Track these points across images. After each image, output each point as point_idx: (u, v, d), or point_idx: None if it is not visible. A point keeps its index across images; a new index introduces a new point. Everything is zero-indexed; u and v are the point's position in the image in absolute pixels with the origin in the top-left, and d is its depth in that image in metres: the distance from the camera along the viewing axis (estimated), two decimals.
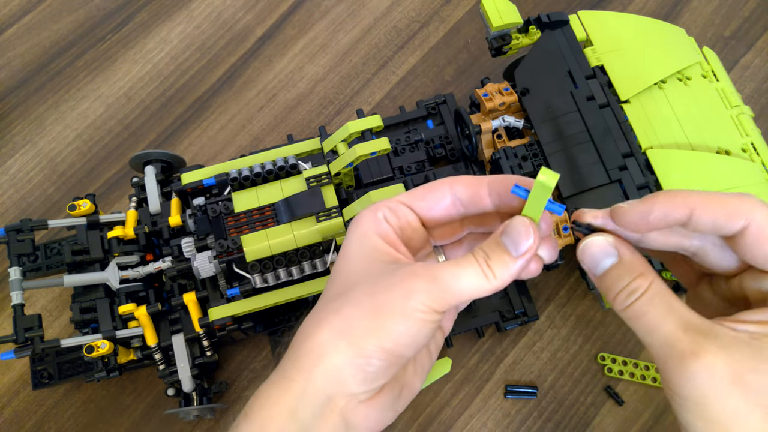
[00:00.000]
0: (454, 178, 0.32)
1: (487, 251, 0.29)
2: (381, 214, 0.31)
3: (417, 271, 0.29)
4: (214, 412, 0.51)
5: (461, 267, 0.29)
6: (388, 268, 0.30)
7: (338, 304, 0.29)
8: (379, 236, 0.31)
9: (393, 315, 0.28)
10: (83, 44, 0.67)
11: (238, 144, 0.63)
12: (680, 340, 0.25)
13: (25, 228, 0.48)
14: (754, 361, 0.25)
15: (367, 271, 0.30)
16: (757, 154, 0.50)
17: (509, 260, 0.28)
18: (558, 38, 0.52)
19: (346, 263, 0.31)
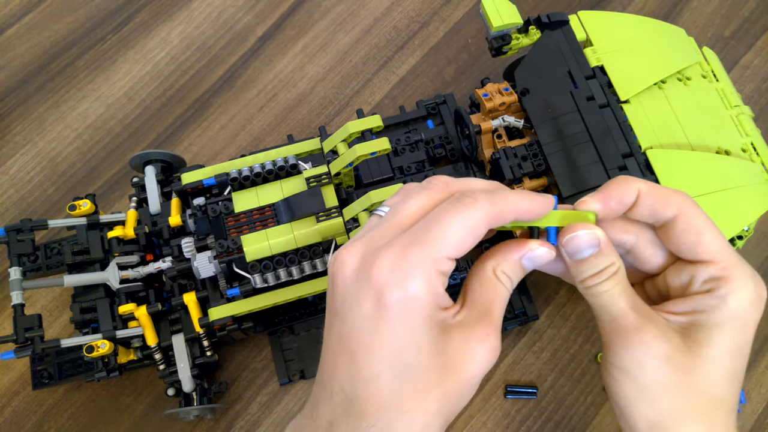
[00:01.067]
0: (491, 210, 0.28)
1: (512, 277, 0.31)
2: (441, 284, 0.28)
3: (487, 335, 0.29)
4: (214, 412, 0.51)
5: (502, 301, 0.30)
6: (450, 344, 0.29)
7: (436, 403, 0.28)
8: (434, 305, 0.28)
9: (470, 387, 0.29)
10: (83, 44, 0.67)
11: (238, 144, 0.63)
12: (628, 317, 0.30)
13: (25, 228, 0.48)
14: (682, 346, 0.29)
15: (434, 351, 0.28)
16: (757, 154, 0.50)
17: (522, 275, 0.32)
18: (558, 38, 0.52)
19: (399, 335, 0.27)
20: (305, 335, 0.53)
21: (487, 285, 0.30)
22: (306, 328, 0.54)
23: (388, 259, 0.27)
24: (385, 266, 0.27)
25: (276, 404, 0.53)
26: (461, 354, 0.28)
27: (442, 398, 0.28)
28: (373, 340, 0.28)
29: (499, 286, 0.30)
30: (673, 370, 0.29)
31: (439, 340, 0.28)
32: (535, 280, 0.56)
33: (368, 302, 0.28)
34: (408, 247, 0.27)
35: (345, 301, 0.29)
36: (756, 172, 0.49)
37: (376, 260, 0.27)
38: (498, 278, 0.30)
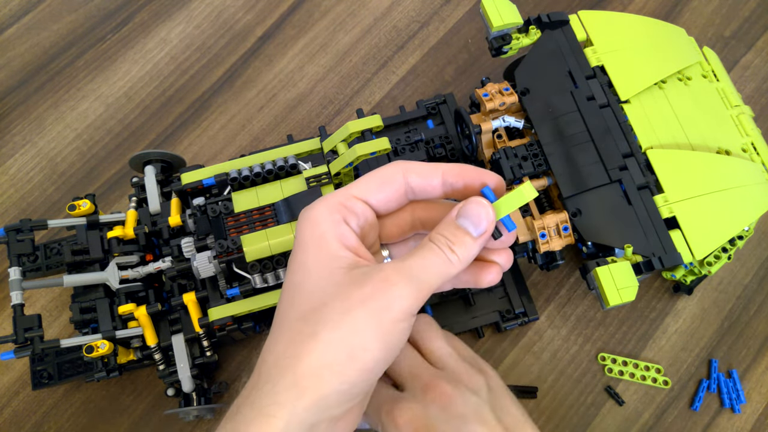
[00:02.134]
0: (407, 165, 0.31)
1: (448, 236, 0.29)
2: (340, 216, 0.30)
3: (390, 276, 0.28)
4: (214, 412, 0.51)
5: (427, 258, 0.29)
6: (355, 276, 0.28)
7: (311, 327, 0.28)
8: (340, 242, 0.29)
9: (373, 333, 0.27)
10: (83, 44, 0.67)
11: (238, 144, 0.63)
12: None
13: (24, 228, 0.48)
14: None
15: (333, 284, 0.28)
16: (757, 154, 0.50)
17: (470, 241, 0.29)
18: (558, 38, 0.52)
19: (306, 276, 0.29)
20: None
21: (417, 246, 0.30)
22: None
23: (310, 204, 0.31)
24: (305, 209, 0.31)
25: None
26: (355, 286, 0.28)
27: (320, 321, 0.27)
28: (286, 273, 0.30)
29: (427, 245, 0.29)
30: None
31: (336, 267, 0.28)
32: (535, 281, 0.56)
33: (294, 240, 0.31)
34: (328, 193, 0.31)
35: None
36: (756, 172, 0.49)
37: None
38: (430, 239, 0.29)
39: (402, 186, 0.31)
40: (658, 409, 0.52)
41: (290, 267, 0.30)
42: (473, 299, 0.53)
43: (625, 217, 0.45)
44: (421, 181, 0.31)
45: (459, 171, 0.31)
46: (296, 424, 0.27)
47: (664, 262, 0.44)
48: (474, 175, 0.31)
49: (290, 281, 0.30)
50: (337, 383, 0.27)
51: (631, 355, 0.53)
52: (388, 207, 0.32)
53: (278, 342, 0.28)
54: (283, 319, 0.29)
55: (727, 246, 0.49)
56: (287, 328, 0.29)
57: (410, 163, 0.31)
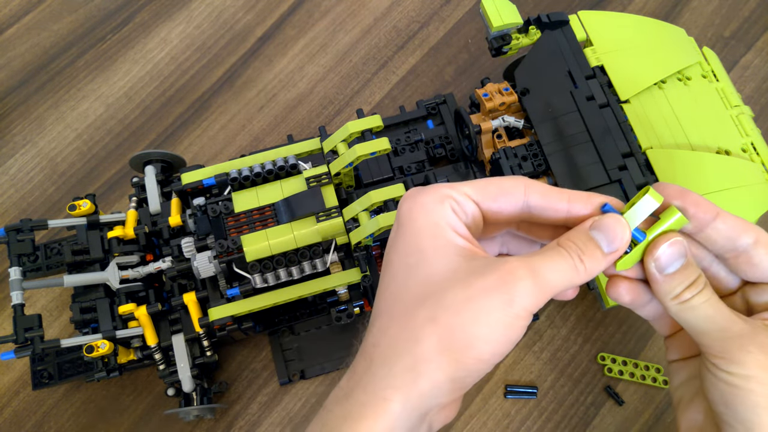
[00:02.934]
0: (530, 183, 0.29)
1: (579, 244, 0.28)
2: (449, 206, 0.29)
3: (516, 270, 0.27)
4: (214, 412, 0.51)
5: (556, 261, 0.28)
6: (476, 266, 0.27)
7: (430, 311, 0.27)
8: (456, 232, 0.28)
9: (494, 325, 0.26)
10: (83, 44, 0.67)
11: (238, 144, 0.63)
12: (738, 324, 0.28)
13: (25, 228, 0.48)
14: None
15: (452, 271, 0.27)
16: (757, 154, 0.50)
17: (600, 255, 0.28)
18: (558, 38, 0.52)
19: (422, 259, 0.28)
20: (305, 335, 0.53)
21: (543, 248, 0.29)
22: (306, 328, 0.54)
23: (415, 188, 0.30)
24: (410, 191, 0.30)
25: (276, 404, 0.53)
26: (478, 275, 0.26)
27: (440, 306, 0.26)
28: (390, 252, 0.29)
29: (556, 248, 0.28)
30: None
31: (453, 254, 0.27)
32: None
33: (395, 223, 0.30)
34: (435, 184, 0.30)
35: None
36: (756, 172, 0.49)
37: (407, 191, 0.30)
38: (559, 243, 0.28)
39: (519, 202, 0.30)
40: (657, 409, 0.52)
41: (398, 248, 0.29)
42: None
43: None
44: (543, 202, 0.29)
45: (587, 198, 0.29)
46: (410, 410, 0.27)
47: None
48: (598, 201, 0.30)
49: (402, 263, 0.28)
50: (453, 370, 0.26)
51: (630, 355, 0.53)
52: (496, 219, 0.30)
53: (392, 325, 0.28)
54: (395, 301, 0.28)
55: None
56: (402, 311, 0.28)
57: (534, 182, 0.30)
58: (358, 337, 0.42)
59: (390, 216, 0.44)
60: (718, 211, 0.29)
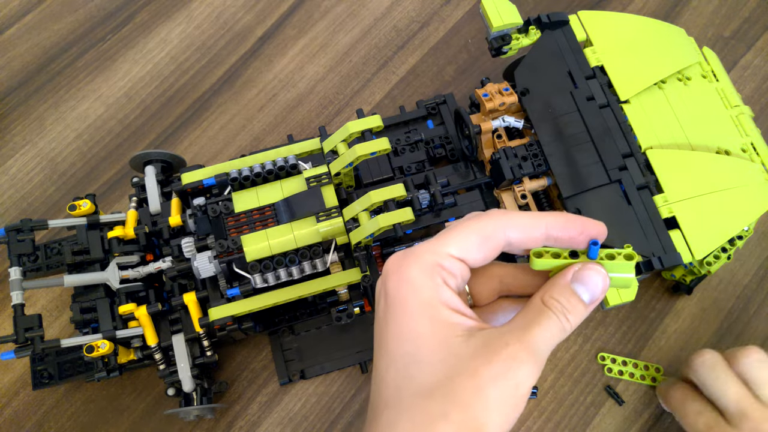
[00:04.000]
0: (507, 219, 0.29)
1: (563, 302, 0.28)
2: (440, 279, 0.28)
3: (518, 354, 0.26)
4: (215, 412, 0.51)
5: (546, 328, 0.27)
6: (476, 347, 0.27)
7: (440, 406, 0.26)
8: (448, 307, 0.28)
9: (504, 411, 0.26)
10: (83, 44, 0.67)
11: (238, 144, 0.63)
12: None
13: (25, 228, 0.48)
14: None
15: (454, 356, 0.27)
16: (756, 154, 0.50)
17: (582, 309, 0.28)
18: (558, 38, 0.52)
19: (420, 346, 0.27)
20: (305, 335, 0.53)
21: (529, 310, 0.28)
22: (306, 328, 0.54)
23: (397, 255, 0.29)
24: (393, 261, 0.28)
25: (276, 404, 0.53)
26: (481, 361, 0.26)
27: (450, 401, 0.26)
28: (382, 333, 0.28)
29: (544, 311, 0.28)
30: None
31: (450, 336, 0.27)
32: None
33: (381, 298, 0.29)
34: (416, 247, 0.29)
35: (375, 303, 0.29)
36: (756, 172, 0.49)
37: (389, 259, 0.29)
38: (545, 303, 0.28)
39: (502, 243, 0.29)
40: (657, 409, 0.52)
41: (391, 331, 0.28)
42: None
43: (625, 217, 0.45)
44: (521, 235, 0.29)
45: (564, 224, 0.29)
46: None
47: (663, 262, 0.44)
48: (578, 227, 0.29)
49: (399, 350, 0.28)
50: None
51: (630, 355, 0.53)
52: (485, 262, 0.30)
53: (401, 419, 0.27)
54: (399, 392, 0.27)
55: (726, 246, 0.49)
56: (409, 404, 0.27)
57: (510, 217, 0.29)
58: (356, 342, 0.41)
59: (390, 216, 0.44)
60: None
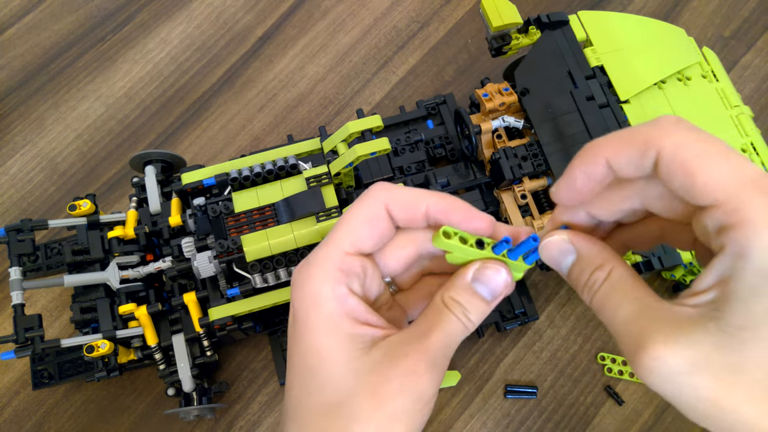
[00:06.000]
0: (388, 194, 0.28)
1: (463, 302, 0.28)
2: (344, 289, 0.27)
3: (416, 367, 0.26)
4: (215, 412, 0.51)
5: (445, 332, 0.27)
6: (376, 361, 0.26)
7: (339, 424, 0.26)
8: (350, 318, 0.27)
9: (405, 423, 0.26)
10: (83, 44, 0.67)
11: (238, 144, 0.63)
12: (632, 331, 0.23)
13: (25, 228, 0.48)
14: (719, 336, 0.21)
15: (354, 372, 0.26)
16: (756, 154, 0.50)
17: (485, 306, 0.28)
18: (558, 38, 0.52)
19: (321, 362, 0.27)
20: None
21: (430, 310, 0.28)
22: None
23: (301, 266, 0.28)
24: (297, 272, 0.28)
25: (276, 404, 0.53)
26: (380, 377, 0.26)
27: (348, 419, 0.25)
28: (290, 348, 0.28)
29: (444, 312, 0.27)
30: (715, 377, 0.21)
31: (351, 350, 0.26)
32: (535, 281, 0.56)
33: (290, 313, 0.28)
34: (315, 250, 0.28)
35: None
36: None
37: (294, 270, 0.29)
38: (445, 304, 0.27)
39: (389, 221, 0.29)
40: (657, 409, 0.52)
41: (297, 347, 0.27)
42: None
43: None
44: (402, 213, 0.28)
45: (446, 208, 0.28)
46: None
47: (663, 262, 0.44)
48: (461, 216, 0.28)
49: (302, 364, 0.27)
50: None
51: None
52: (382, 243, 0.29)
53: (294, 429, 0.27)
54: (300, 410, 0.27)
55: None
56: (307, 422, 0.27)
57: (391, 192, 0.28)
58: None
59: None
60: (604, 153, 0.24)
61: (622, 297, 0.24)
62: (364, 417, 0.26)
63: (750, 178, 0.21)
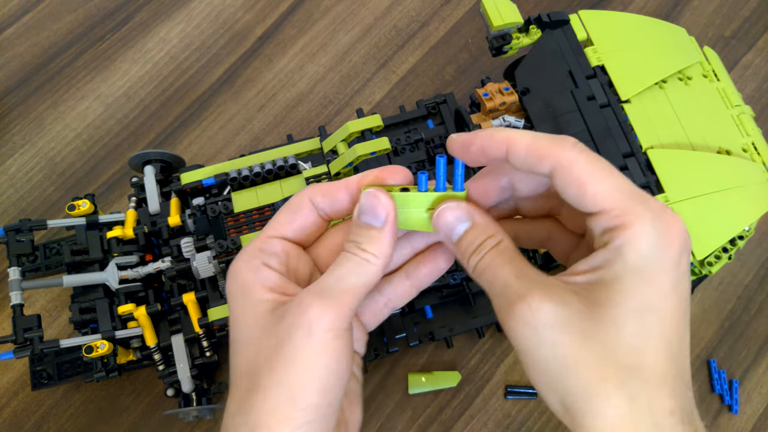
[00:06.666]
0: (313, 188, 0.30)
1: (355, 238, 0.28)
2: (259, 261, 0.29)
3: (303, 300, 0.27)
4: (214, 413, 0.51)
5: (340, 266, 0.28)
6: (277, 315, 0.27)
7: (251, 380, 0.27)
8: (262, 286, 0.28)
9: (306, 364, 0.26)
10: (82, 44, 0.67)
11: (238, 144, 0.63)
12: (512, 286, 0.26)
13: (24, 228, 0.48)
14: (583, 309, 0.25)
15: (261, 330, 0.27)
16: (757, 154, 0.50)
17: (377, 233, 0.28)
18: (558, 38, 0.52)
19: (238, 329, 0.28)
20: None
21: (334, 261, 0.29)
22: None
23: (235, 260, 0.30)
24: (231, 265, 0.29)
25: None
26: (281, 328, 0.26)
27: (260, 374, 0.26)
28: (230, 322, 0.30)
29: (342, 255, 0.28)
30: (572, 338, 0.24)
31: (261, 312, 0.27)
32: None
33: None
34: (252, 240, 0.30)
35: None
36: (757, 171, 0.48)
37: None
38: (344, 249, 0.28)
39: (312, 210, 0.30)
40: None
41: (231, 320, 0.29)
42: (473, 300, 0.53)
43: None
44: (327, 200, 0.30)
45: (362, 175, 0.30)
46: None
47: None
48: (376, 173, 0.30)
49: (233, 335, 0.29)
50: (288, 429, 0.26)
51: None
52: (309, 234, 0.31)
53: (230, 404, 0.28)
54: (233, 372, 0.28)
55: (727, 246, 0.49)
56: (234, 386, 0.28)
57: (316, 185, 0.30)
58: None
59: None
60: (509, 142, 0.27)
61: (507, 263, 0.27)
62: (268, 366, 0.26)
63: (629, 191, 0.25)
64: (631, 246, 0.24)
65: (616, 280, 0.25)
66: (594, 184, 0.25)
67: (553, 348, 0.24)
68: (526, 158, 0.26)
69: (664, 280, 0.25)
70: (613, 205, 0.25)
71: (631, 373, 0.24)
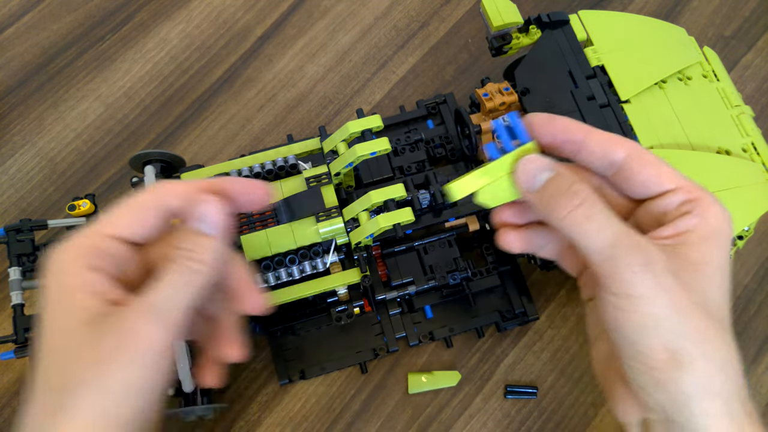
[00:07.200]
0: (165, 186, 0.29)
1: (188, 246, 0.28)
2: (88, 261, 0.26)
3: (129, 319, 0.25)
4: (214, 412, 0.51)
5: (167, 281, 0.27)
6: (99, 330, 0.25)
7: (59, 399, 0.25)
8: (88, 292, 0.26)
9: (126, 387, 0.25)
10: (83, 44, 0.67)
11: (238, 144, 0.63)
12: (624, 239, 0.27)
13: (24, 228, 0.48)
14: (682, 264, 0.27)
15: (76, 345, 0.25)
16: (757, 154, 0.50)
17: (205, 240, 0.28)
18: (558, 38, 0.52)
19: (46, 337, 0.26)
20: (305, 335, 0.53)
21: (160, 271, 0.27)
22: (306, 328, 0.53)
23: (64, 242, 0.28)
24: (58, 247, 0.28)
25: (276, 404, 0.53)
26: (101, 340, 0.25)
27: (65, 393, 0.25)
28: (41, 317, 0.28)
29: (167, 267, 0.27)
30: (683, 288, 0.27)
31: (75, 324, 0.26)
32: (535, 280, 0.56)
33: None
34: (81, 229, 0.28)
35: None
36: (756, 171, 0.49)
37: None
38: (171, 258, 0.27)
39: (155, 210, 0.28)
40: None
41: (42, 322, 0.27)
42: (473, 300, 0.53)
43: None
44: (182, 202, 0.28)
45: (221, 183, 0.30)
46: None
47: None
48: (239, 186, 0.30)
49: (42, 339, 0.27)
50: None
51: None
52: (150, 236, 0.29)
53: (28, 420, 0.26)
54: (34, 380, 0.26)
55: None
56: (35, 394, 0.26)
57: (172, 186, 0.29)
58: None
59: (390, 216, 0.44)
60: (587, 130, 0.30)
61: (609, 216, 0.28)
62: (87, 386, 0.25)
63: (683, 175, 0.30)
64: (711, 213, 0.28)
65: (703, 241, 0.28)
66: (666, 167, 0.30)
67: (670, 295, 0.27)
68: (602, 142, 0.30)
69: (728, 246, 0.29)
70: (685, 183, 0.29)
71: (722, 325, 0.28)
